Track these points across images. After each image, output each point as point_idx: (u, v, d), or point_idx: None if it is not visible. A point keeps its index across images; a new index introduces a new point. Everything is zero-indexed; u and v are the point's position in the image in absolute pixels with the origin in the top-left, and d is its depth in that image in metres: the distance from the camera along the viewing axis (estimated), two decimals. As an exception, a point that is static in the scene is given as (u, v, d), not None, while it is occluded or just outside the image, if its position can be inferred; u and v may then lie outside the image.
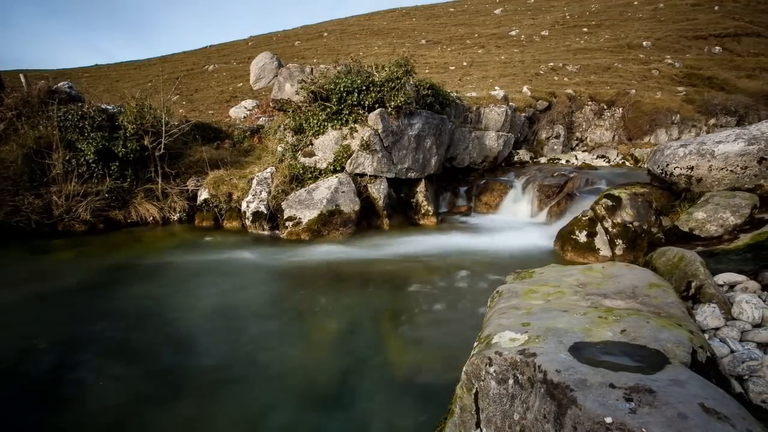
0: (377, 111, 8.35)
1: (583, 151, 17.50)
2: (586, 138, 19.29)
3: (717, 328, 2.61)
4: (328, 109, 8.60)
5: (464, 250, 7.58)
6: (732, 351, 2.40)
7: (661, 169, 6.48)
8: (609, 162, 15.48)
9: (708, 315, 2.62)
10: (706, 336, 2.60)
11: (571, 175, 11.15)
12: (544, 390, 1.36)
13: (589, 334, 1.72)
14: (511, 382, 1.55)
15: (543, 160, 15.82)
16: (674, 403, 1.17)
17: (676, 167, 6.22)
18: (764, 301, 2.95)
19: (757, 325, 2.57)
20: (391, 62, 8.74)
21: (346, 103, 8.48)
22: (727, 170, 5.81)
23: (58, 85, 9.67)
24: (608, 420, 1.14)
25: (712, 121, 17.74)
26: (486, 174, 13.25)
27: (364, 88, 8.35)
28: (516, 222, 10.26)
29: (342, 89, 8.38)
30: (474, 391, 1.72)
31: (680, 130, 17.89)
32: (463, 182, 12.87)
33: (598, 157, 16.32)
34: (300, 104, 8.93)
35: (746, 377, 2.32)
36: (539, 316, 1.96)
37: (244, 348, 4.35)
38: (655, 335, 1.62)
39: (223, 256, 7.12)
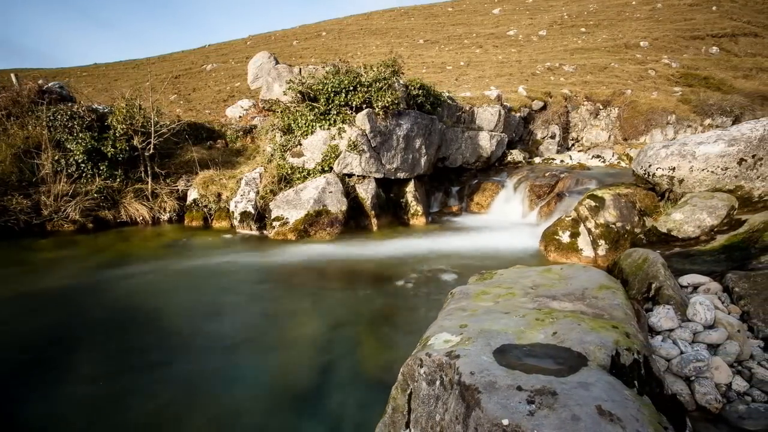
0: (364, 111, 8.37)
1: (579, 151, 17.49)
2: (582, 138, 19.28)
3: (671, 330, 2.63)
4: (316, 110, 8.62)
5: (450, 250, 7.59)
6: (681, 352, 2.42)
7: (644, 170, 6.49)
8: (604, 162, 15.45)
9: (662, 316, 2.63)
10: (660, 338, 2.62)
11: (562, 176, 11.15)
12: (458, 392, 1.38)
13: (521, 336, 1.74)
14: (437, 383, 1.57)
15: (537, 160, 15.82)
16: (572, 406, 1.19)
17: (658, 168, 6.23)
18: (722, 302, 2.97)
19: (709, 327, 2.58)
20: (379, 62, 8.76)
21: (334, 104, 8.50)
22: (707, 171, 5.82)
23: (49, 85, 9.71)
24: (505, 422, 1.17)
25: (707, 122, 17.71)
26: (479, 174, 13.25)
27: (351, 88, 8.37)
28: (506, 222, 10.26)
29: (329, 89, 8.40)
30: (408, 391, 1.75)
31: (676, 130, 17.85)
32: (456, 182, 12.89)
33: (593, 157, 16.30)
34: (289, 104, 8.96)
35: (693, 378, 2.34)
36: (480, 318, 1.98)
37: (224, 346, 4.39)
38: (581, 338, 1.64)
39: (208, 256, 7.15)
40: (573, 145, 18.93)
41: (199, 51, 37.00)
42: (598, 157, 16.04)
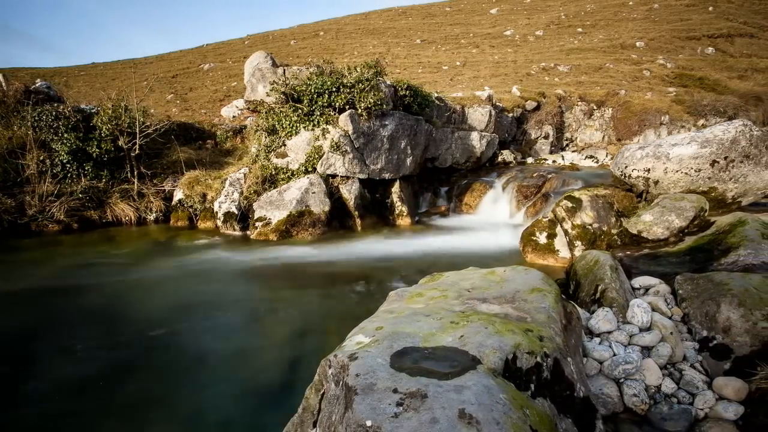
0: (347, 112, 8.39)
1: (573, 152, 17.49)
2: (577, 138, 19.27)
3: (609, 332, 2.65)
4: (300, 111, 8.65)
5: (433, 251, 7.61)
6: (614, 354, 2.45)
7: (621, 171, 6.51)
8: (597, 162, 15.42)
9: (600, 319, 2.66)
10: (597, 340, 2.65)
11: (549, 176, 11.16)
12: (344, 393, 1.41)
13: (428, 339, 1.76)
14: (340, 384, 1.60)
15: (530, 160, 15.84)
16: (435, 408, 1.21)
17: (634, 169, 6.24)
18: (668, 304, 2.99)
19: (645, 329, 2.61)
20: (362, 63, 8.78)
21: (317, 105, 8.53)
22: (681, 173, 5.83)
23: (36, 85, 9.76)
24: (368, 423, 1.19)
25: (701, 122, 17.69)
26: (469, 174, 13.25)
27: (334, 89, 8.39)
28: (493, 223, 10.26)
29: (312, 91, 8.42)
30: (322, 392, 1.78)
31: (669, 130, 17.83)
32: (445, 182, 12.89)
33: (587, 157, 16.28)
34: (273, 105, 8.99)
35: (622, 380, 2.36)
36: (399, 320, 2.01)
37: (199, 345, 4.45)
38: (483, 341, 1.67)
39: (190, 256, 7.19)
40: (567, 145, 18.92)
41: (196, 50, 37.08)
42: (591, 157, 16.02)
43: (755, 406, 2.09)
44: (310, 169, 8.72)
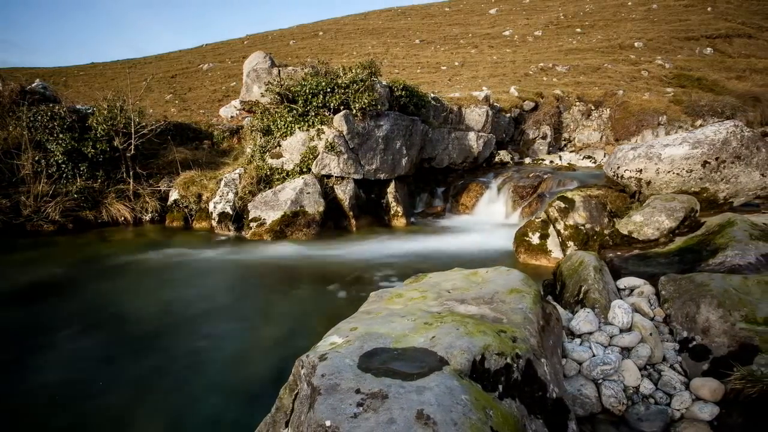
0: (342, 113, 8.40)
1: (571, 152, 17.49)
2: (574, 138, 19.25)
3: (590, 333, 2.66)
4: (295, 111, 8.66)
5: (427, 252, 7.61)
6: (593, 355, 2.46)
7: (613, 172, 6.51)
8: (595, 162, 15.42)
9: (581, 320, 2.67)
10: (578, 341, 2.65)
11: (546, 177, 11.17)
12: (310, 392, 1.42)
13: (401, 340, 1.77)
14: (311, 384, 1.61)
15: (527, 160, 15.85)
16: (394, 409, 1.22)
17: (626, 170, 6.24)
18: (651, 305, 3.00)
19: (625, 330, 2.62)
20: (356, 64, 8.80)
21: (312, 105, 8.54)
22: (673, 173, 5.83)
23: (32, 85, 9.77)
24: (328, 423, 1.20)
25: (699, 123, 17.67)
26: (466, 174, 13.25)
27: (329, 90, 8.40)
28: (489, 223, 10.27)
29: (307, 91, 8.43)
30: (296, 392, 1.78)
31: (667, 131, 17.80)
32: (442, 183, 12.90)
33: (584, 157, 16.27)
34: (268, 106, 9.00)
35: (600, 381, 2.37)
36: (375, 321, 2.02)
37: (190, 344, 4.46)
38: (453, 342, 1.67)
39: (183, 257, 7.20)
40: (565, 145, 18.90)
41: (196, 50, 37.09)
42: (589, 157, 16.02)
43: (730, 407, 2.10)
44: (305, 170, 8.73)
